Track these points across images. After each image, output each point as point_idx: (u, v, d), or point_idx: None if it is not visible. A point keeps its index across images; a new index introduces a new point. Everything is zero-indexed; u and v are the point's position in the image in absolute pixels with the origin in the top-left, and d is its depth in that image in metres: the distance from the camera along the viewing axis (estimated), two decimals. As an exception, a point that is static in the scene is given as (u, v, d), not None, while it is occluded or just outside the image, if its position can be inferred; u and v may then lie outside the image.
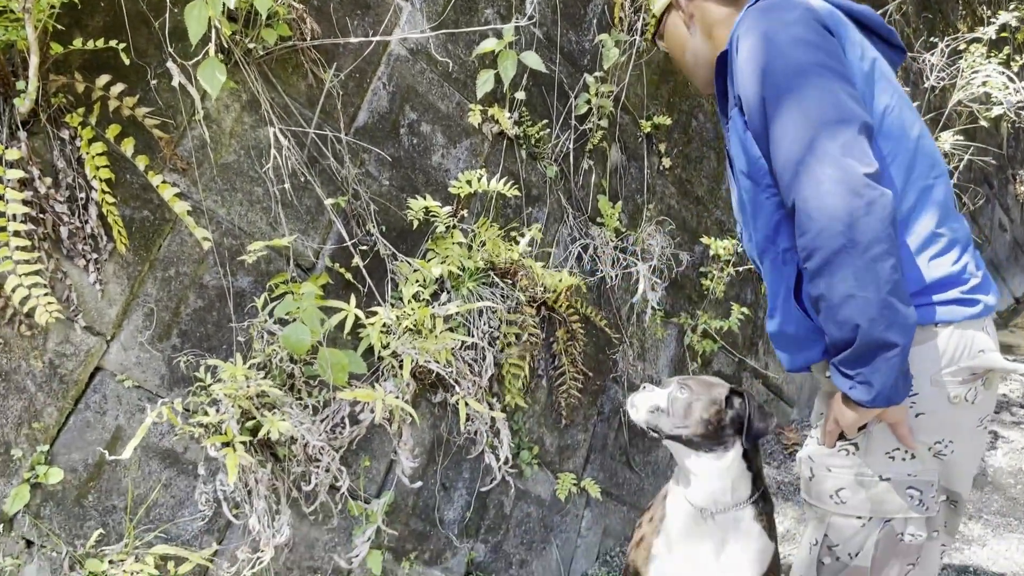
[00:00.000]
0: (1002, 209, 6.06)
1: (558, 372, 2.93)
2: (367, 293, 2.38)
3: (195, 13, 1.85)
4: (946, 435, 1.47)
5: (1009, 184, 6.17)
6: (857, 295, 1.28)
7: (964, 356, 1.43)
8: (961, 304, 1.43)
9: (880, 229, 1.25)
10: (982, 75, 4.86)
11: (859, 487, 1.53)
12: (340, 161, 2.35)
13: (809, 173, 1.30)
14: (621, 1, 3.08)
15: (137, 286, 1.99)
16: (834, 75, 1.35)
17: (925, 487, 1.49)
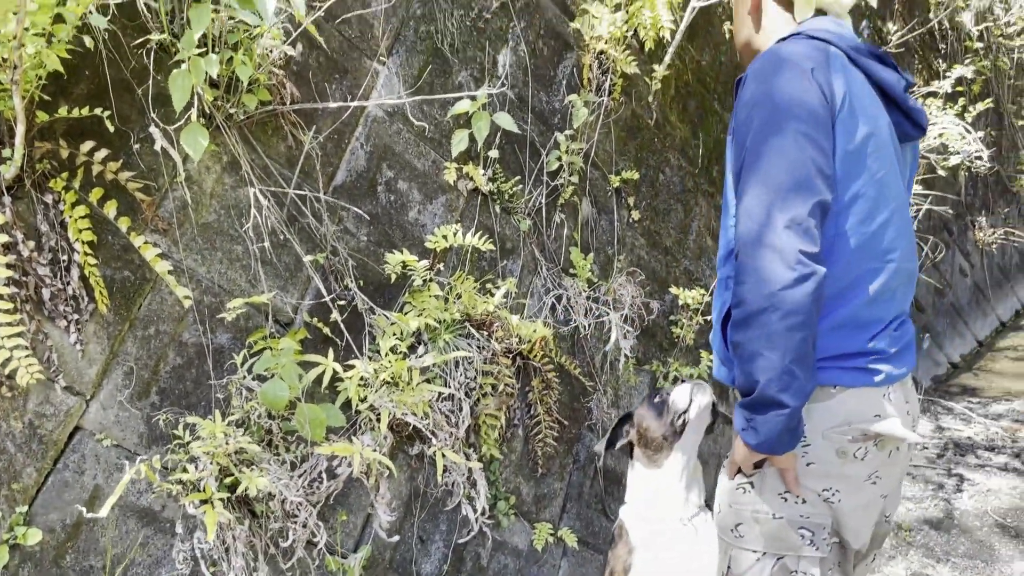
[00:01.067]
0: (962, 255, 6.24)
1: (534, 421, 2.98)
2: (345, 347, 2.42)
3: (179, 82, 1.92)
4: (833, 484, 1.58)
5: (968, 231, 6.36)
6: (765, 355, 1.40)
7: (857, 419, 1.53)
8: (863, 372, 1.54)
9: (801, 303, 1.37)
10: (939, 127, 5.05)
11: (754, 523, 1.63)
12: (319, 219, 2.41)
13: (756, 233, 1.41)
14: (589, 63, 3.20)
15: (117, 345, 2.02)
16: (812, 145, 1.44)
17: (817, 528, 1.59)
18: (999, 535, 3.58)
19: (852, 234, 1.52)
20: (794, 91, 1.47)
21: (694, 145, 3.90)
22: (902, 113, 1.63)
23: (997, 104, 6.62)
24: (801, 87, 1.47)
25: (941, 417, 5.03)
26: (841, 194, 1.50)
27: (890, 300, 1.58)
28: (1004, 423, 4.83)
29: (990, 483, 3.94)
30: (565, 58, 3.22)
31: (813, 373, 1.44)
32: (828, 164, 1.46)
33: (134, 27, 2.08)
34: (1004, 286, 7.04)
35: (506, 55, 2.99)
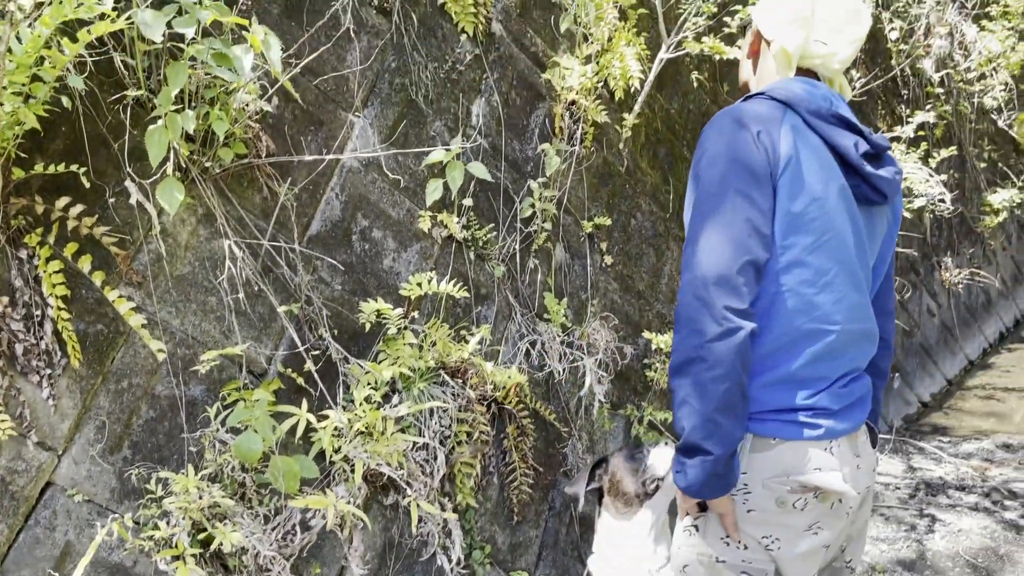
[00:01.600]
0: (929, 295, 6.36)
1: (509, 468, 2.98)
2: (319, 397, 2.42)
3: (155, 138, 1.94)
4: (772, 532, 1.60)
5: (935, 271, 6.49)
6: (691, 403, 1.48)
7: (794, 471, 1.56)
8: (802, 426, 1.57)
9: (725, 356, 1.44)
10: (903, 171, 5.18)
11: (699, 565, 1.66)
12: (293, 269, 2.43)
13: (690, 284, 1.50)
14: (561, 113, 3.27)
15: (90, 399, 2.02)
16: (749, 206, 1.50)
17: (758, 574, 1.61)
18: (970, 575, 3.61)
19: (792, 294, 1.56)
20: (738, 152, 1.53)
21: (665, 191, 3.97)
22: (860, 177, 1.65)
23: (959, 148, 6.81)
24: (746, 148, 1.53)
25: (913, 457, 5.08)
26: (781, 254, 1.55)
27: (836, 359, 1.62)
28: (974, 462, 4.89)
29: (961, 523, 3.98)
30: (537, 108, 3.29)
31: (740, 422, 1.50)
32: (765, 224, 1.51)
33: (111, 83, 2.10)
34: (971, 325, 7.17)
35: (480, 105, 3.05)
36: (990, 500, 4.27)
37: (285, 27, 2.47)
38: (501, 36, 3.16)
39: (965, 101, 7.00)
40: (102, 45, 2.05)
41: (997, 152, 7.68)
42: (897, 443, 5.30)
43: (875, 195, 1.66)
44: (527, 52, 3.28)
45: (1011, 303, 8.06)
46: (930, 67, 6.44)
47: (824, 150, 1.61)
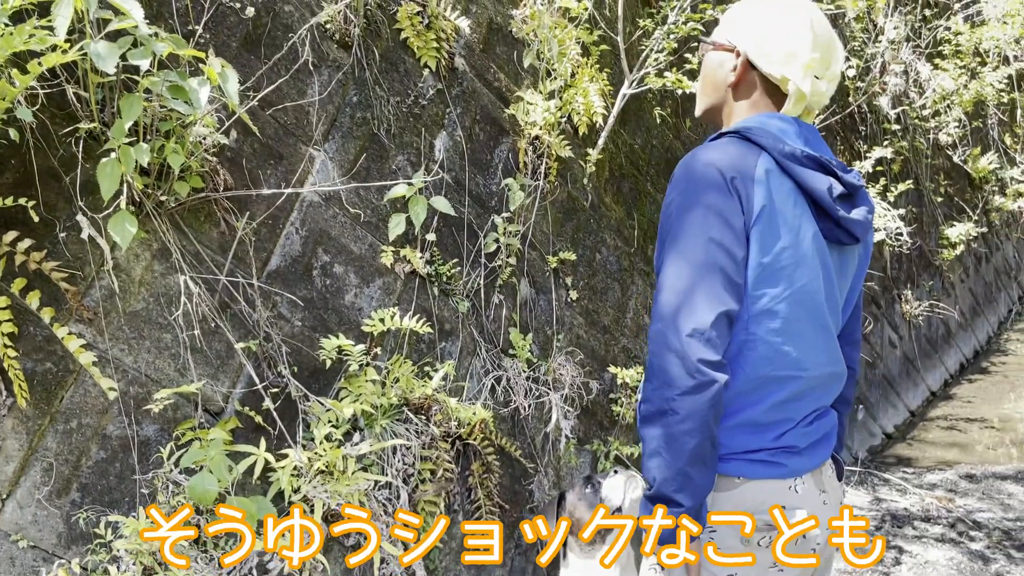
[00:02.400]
0: (891, 327, 6.44)
1: (474, 506, 2.92)
2: (278, 435, 2.36)
3: (108, 171, 1.90)
4: (737, 571, 1.58)
5: (895, 304, 6.58)
6: (662, 455, 1.45)
7: (758, 508, 1.55)
8: (766, 465, 1.57)
9: (698, 410, 1.41)
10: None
11: None
12: (252, 305, 2.38)
13: (662, 335, 1.46)
14: (525, 148, 3.27)
15: (37, 440, 1.94)
16: (723, 255, 1.47)
17: None
18: (939, 607, 3.61)
19: (761, 343, 1.55)
20: (712, 199, 1.50)
21: (629, 225, 3.98)
22: (833, 221, 1.61)
23: (916, 183, 6.95)
24: (720, 196, 1.50)
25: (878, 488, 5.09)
26: (751, 304, 1.53)
27: (802, 401, 1.61)
28: (939, 493, 4.92)
29: (928, 555, 3.98)
30: (501, 143, 3.29)
31: (711, 474, 1.48)
32: (738, 274, 1.49)
33: (63, 116, 2.06)
34: (932, 356, 7.26)
35: (443, 140, 3.04)
36: (955, 531, 4.28)
37: (244, 60, 2.45)
38: (464, 71, 3.17)
39: (921, 137, 7.17)
40: (54, 77, 2.01)
41: (953, 187, 7.86)
42: (862, 475, 5.32)
43: (847, 237, 1.63)
44: (490, 87, 3.29)
45: (970, 334, 8.19)
46: (886, 104, 6.59)
47: (797, 194, 1.57)
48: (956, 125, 7.50)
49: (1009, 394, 7.19)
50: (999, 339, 8.95)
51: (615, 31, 3.63)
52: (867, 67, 6.32)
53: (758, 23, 1.67)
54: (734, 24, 1.71)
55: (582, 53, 3.56)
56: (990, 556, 4.03)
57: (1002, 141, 8.69)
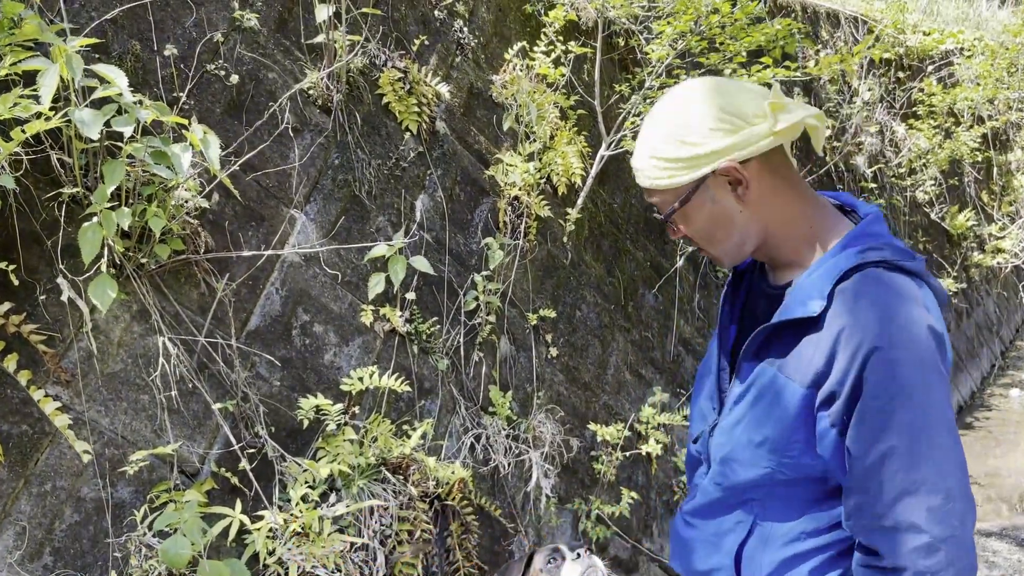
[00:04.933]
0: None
1: (452, 568, 2.90)
2: (254, 496, 2.36)
3: (89, 236, 1.93)
4: None
5: (877, 358, 6.62)
6: None
7: None
8: None
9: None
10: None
11: None
12: (230, 365, 2.40)
13: (962, 548, 1.22)
14: (504, 208, 3.33)
15: (10, 504, 1.94)
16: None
17: None
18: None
19: None
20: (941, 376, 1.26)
21: (609, 282, 4.03)
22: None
23: (895, 239, 7.05)
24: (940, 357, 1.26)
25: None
26: None
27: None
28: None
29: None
30: (481, 203, 3.35)
31: None
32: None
33: (47, 180, 2.10)
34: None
35: (423, 201, 3.10)
36: None
37: (228, 125, 2.51)
38: (445, 134, 3.24)
39: (898, 195, 7.31)
40: (38, 143, 2.05)
41: (931, 243, 7.99)
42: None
43: None
44: (471, 149, 3.36)
45: (953, 390, 8.24)
46: (863, 163, 6.74)
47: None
48: (932, 183, 7.66)
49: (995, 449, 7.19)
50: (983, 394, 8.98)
51: (592, 95, 3.73)
52: (842, 127, 6.48)
53: (698, 122, 1.35)
54: (678, 156, 1.37)
55: (560, 116, 3.65)
56: (975, 615, 4.00)
57: (979, 198, 8.87)
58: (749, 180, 1.36)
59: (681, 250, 4.52)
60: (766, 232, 1.42)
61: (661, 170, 1.39)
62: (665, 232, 4.53)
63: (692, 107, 1.36)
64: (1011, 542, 4.96)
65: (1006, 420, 8.05)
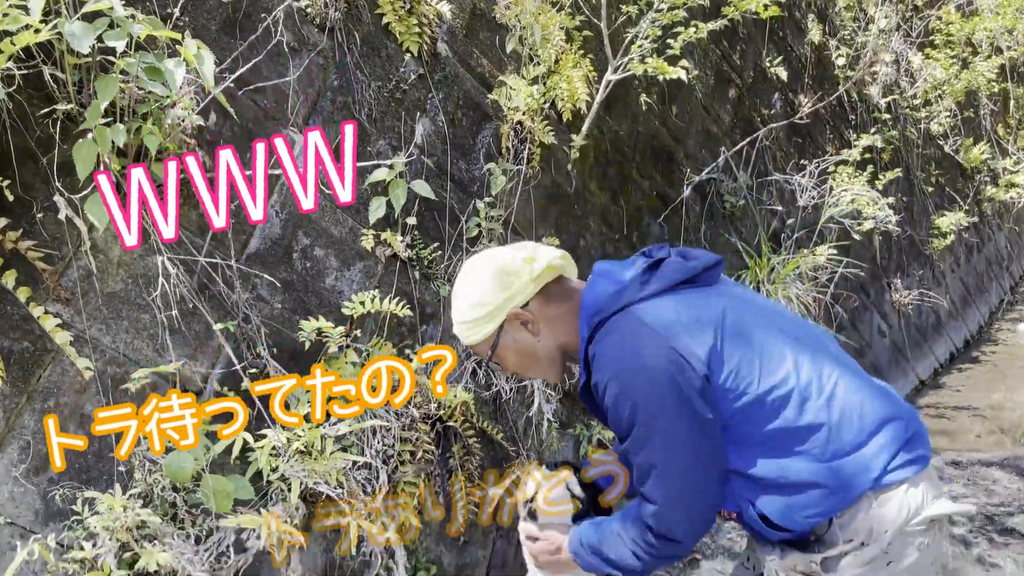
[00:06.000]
0: (880, 316, 6.46)
1: (455, 488, 2.95)
2: (257, 416, 2.38)
3: (83, 152, 1.92)
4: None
5: (885, 292, 6.60)
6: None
7: (924, 506, 1.58)
8: (910, 464, 1.59)
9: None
10: (851, 193, 5.28)
11: None
12: (231, 286, 2.40)
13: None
14: (507, 133, 3.29)
15: (14, 418, 1.96)
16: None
17: None
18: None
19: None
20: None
21: (614, 212, 4.00)
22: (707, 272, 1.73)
23: (907, 172, 6.97)
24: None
25: (864, 474, 5.11)
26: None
27: (874, 412, 1.65)
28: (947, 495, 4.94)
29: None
30: (483, 128, 3.31)
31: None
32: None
33: (41, 97, 2.08)
34: (922, 346, 7.29)
35: (424, 125, 3.05)
36: (938, 516, 4.31)
37: (224, 43, 2.46)
38: (447, 56, 3.18)
39: (912, 127, 7.18)
40: (31, 58, 2.02)
41: (944, 176, 7.88)
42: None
43: (710, 274, 1.74)
44: (473, 72, 3.30)
45: (961, 324, 8.23)
46: (876, 93, 6.60)
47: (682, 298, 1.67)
48: (947, 115, 7.52)
49: (999, 383, 7.21)
50: (990, 329, 8.98)
51: (598, 17, 3.64)
52: (857, 56, 6.33)
53: (482, 288, 1.71)
54: (476, 316, 1.72)
55: (565, 39, 3.57)
56: (972, 540, 4.06)
57: (994, 131, 8.71)
58: (533, 318, 1.72)
59: (688, 179, 4.47)
60: (562, 344, 1.76)
61: (469, 330, 1.75)
62: (673, 160, 4.47)
63: (476, 278, 1.74)
64: (1011, 472, 5.00)
65: (1012, 354, 8.05)
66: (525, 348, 1.77)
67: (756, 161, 4.99)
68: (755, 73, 5.27)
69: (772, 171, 5.18)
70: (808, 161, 5.30)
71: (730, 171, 4.84)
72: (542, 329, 1.75)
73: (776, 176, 5.18)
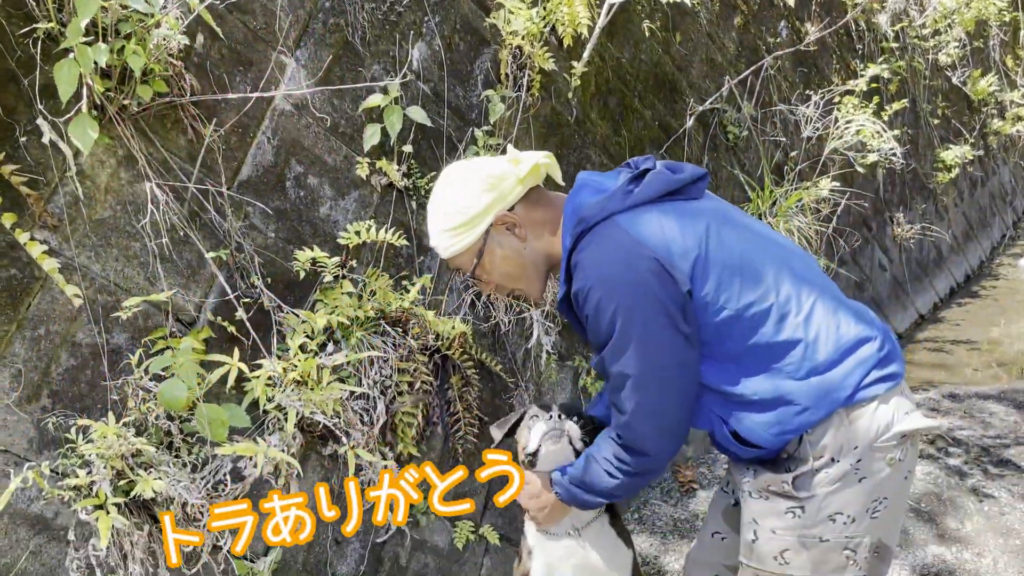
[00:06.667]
0: (881, 250, 6.41)
1: (453, 419, 2.95)
2: (252, 346, 2.36)
3: (64, 72, 1.85)
4: (882, 494, 1.62)
5: (887, 226, 6.54)
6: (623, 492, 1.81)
7: (894, 422, 1.60)
8: (882, 381, 1.61)
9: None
10: (856, 124, 5.19)
11: (802, 548, 1.65)
12: (222, 215, 2.35)
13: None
14: (506, 58, 3.19)
15: (3, 347, 1.93)
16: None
17: (859, 547, 1.63)
18: (913, 520, 3.68)
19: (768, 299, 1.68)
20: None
21: (615, 142, 3.92)
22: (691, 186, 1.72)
23: (913, 104, 6.84)
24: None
25: (861, 407, 5.14)
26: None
27: (856, 318, 1.70)
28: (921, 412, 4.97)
29: (905, 470, 4.04)
30: (482, 53, 3.21)
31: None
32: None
33: (20, 15, 1.99)
34: (923, 280, 7.26)
35: (420, 49, 2.96)
36: (935, 447, 4.34)
37: (209, -39, 2.36)
38: (443, -23, 3.06)
39: (920, 57, 7.02)
40: (6, -27, 1.94)
41: (951, 109, 7.74)
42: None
43: (696, 187, 1.73)
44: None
45: (962, 259, 8.19)
46: (885, 22, 6.44)
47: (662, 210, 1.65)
48: (956, 45, 7.35)
49: (998, 318, 7.22)
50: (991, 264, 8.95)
51: (601, -63, 3.51)
52: (866, -18, 6.15)
53: (463, 193, 1.71)
54: (459, 223, 1.72)
55: (566, -40, 3.44)
56: (967, 471, 4.09)
57: (1003, 63, 8.53)
58: (519, 221, 1.72)
59: (691, 109, 4.37)
60: (546, 252, 1.76)
61: (451, 238, 1.73)
62: (675, 90, 4.37)
63: (454, 186, 1.72)
64: (1008, 405, 5.03)
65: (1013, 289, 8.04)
66: (511, 255, 1.75)
67: (760, 91, 4.87)
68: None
69: (777, 101, 5.08)
70: (813, 91, 5.19)
71: (734, 101, 4.73)
72: (527, 234, 1.74)
73: (780, 107, 5.07)
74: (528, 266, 1.78)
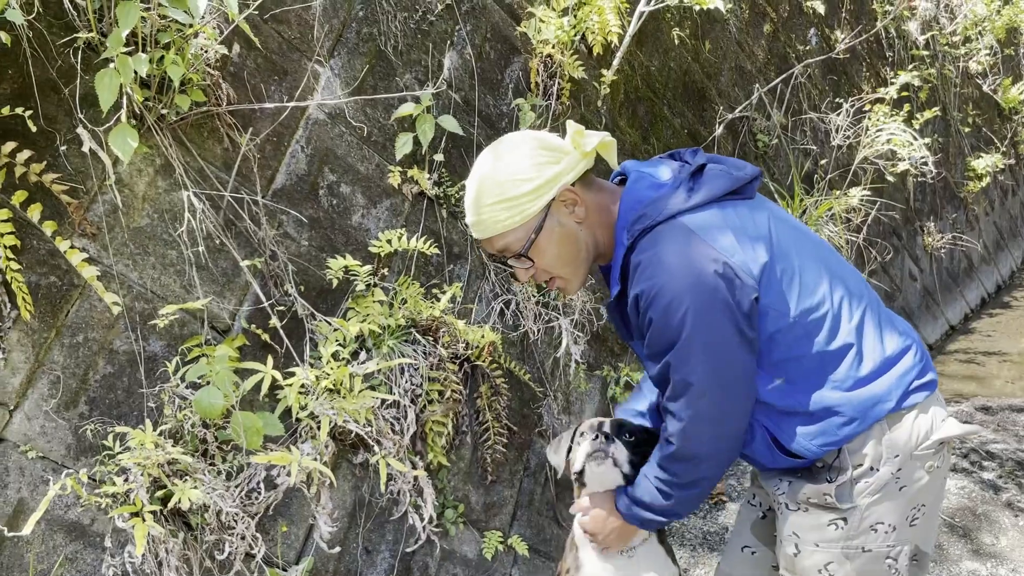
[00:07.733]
0: (911, 260, 6.34)
1: (482, 428, 2.94)
2: (285, 354, 2.37)
3: (105, 82, 1.86)
4: (920, 501, 1.61)
5: (917, 236, 6.47)
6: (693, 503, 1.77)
7: (934, 429, 1.59)
8: (920, 389, 1.60)
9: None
10: (886, 133, 5.14)
11: (845, 560, 1.64)
12: (257, 223, 2.36)
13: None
14: (536, 67, 3.19)
15: (43, 353, 1.95)
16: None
17: (900, 556, 1.62)
18: (948, 535, 3.61)
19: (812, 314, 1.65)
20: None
21: (644, 150, 3.90)
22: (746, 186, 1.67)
23: (944, 112, 6.76)
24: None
25: (892, 419, 5.07)
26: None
27: (892, 330, 1.68)
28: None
29: (938, 483, 3.98)
30: (512, 62, 3.21)
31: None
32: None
33: (61, 25, 2.02)
34: (953, 290, 7.17)
35: (451, 58, 2.96)
36: (968, 461, 4.27)
37: (246, -29, 2.38)
38: (474, -13, 3.07)
39: (950, 65, 6.95)
40: (49, -16, 1.96)
41: (982, 117, 7.65)
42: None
43: (749, 188, 1.67)
44: (501, 3, 3.19)
45: (993, 269, 8.08)
46: (915, 30, 6.38)
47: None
48: (987, 53, 7.27)
49: (1030, 329, 7.10)
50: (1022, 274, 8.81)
51: (632, -54, 3.50)
52: (896, -10, 6.10)
53: (526, 162, 1.58)
54: (520, 192, 1.57)
55: (597, -31, 3.43)
56: (1001, 485, 4.02)
57: (1035, 70, 8.42)
58: (580, 200, 1.59)
59: (720, 117, 4.35)
60: (595, 239, 1.66)
61: (507, 211, 1.57)
62: (705, 98, 4.35)
63: (513, 155, 1.58)
64: (1042, 417, 4.93)
65: (1045, 300, 7.91)
66: (568, 236, 1.62)
67: (790, 99, 4.84)
68: (791, 7, 5.09)
69: (806, 109, 5.04)
70: (843, 99, 5.15)
71: (763, 109, 4.71)
72: (584, 216, 1.62)
73: (810, 115, 5.03)
74: (580, 252, 1.65)
